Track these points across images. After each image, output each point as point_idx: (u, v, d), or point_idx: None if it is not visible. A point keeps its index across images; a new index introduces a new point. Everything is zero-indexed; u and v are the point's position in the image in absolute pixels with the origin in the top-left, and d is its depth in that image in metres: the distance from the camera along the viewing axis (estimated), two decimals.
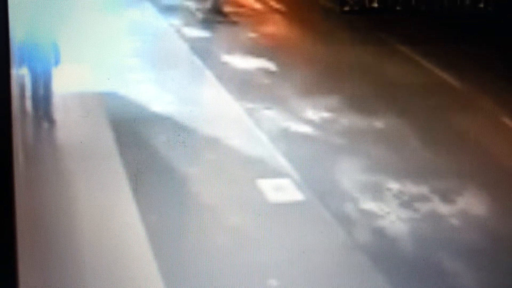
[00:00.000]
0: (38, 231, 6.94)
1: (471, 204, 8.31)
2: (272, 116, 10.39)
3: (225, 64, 12.65)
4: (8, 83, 3.57)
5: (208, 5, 16.40)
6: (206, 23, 15.23)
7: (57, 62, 9.48)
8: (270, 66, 12.66)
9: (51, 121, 9.42)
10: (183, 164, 8.67)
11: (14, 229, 3.57)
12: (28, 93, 9.52)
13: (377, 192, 8.38)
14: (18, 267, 3.61)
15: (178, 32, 14.32)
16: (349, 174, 8.78)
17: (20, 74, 9.27)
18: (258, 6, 17.19)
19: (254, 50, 13.51)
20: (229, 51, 13.31)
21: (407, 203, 8.21)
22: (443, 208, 8.17)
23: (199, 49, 13.22)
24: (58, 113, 9.64)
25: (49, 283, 6.29)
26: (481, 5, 17.07)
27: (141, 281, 6.43)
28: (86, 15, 14.23)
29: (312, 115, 10.50)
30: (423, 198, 8.36)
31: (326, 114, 10.58)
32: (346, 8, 16.89)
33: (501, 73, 12.92)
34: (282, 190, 8.24)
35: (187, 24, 15.00)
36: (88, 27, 13.43)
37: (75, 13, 14.30)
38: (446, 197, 8.41)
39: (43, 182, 7.94)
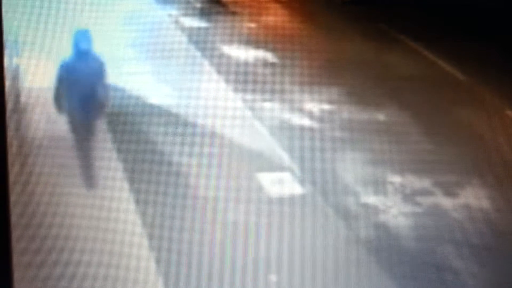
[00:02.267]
0: (32, 225, 6.83)
1: (474, 198, 8.25)
2: (272, 108, 10.29)
3: (223, 55, 12.55)
4: (2, 79, 3.49)
5: None
6: (204, 13, 15.12)
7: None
8: (270, 57, 12.56)
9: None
10: (181, 157, 8.56)
11: (9, 221, 3.51)
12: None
13: (378, 186, 8.31)
14: (13, 260, 3.53)
15: (176, 23, 14.20)
16: (350, 167, 8.69)
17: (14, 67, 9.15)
18: None
19: (253, 41, 13.41)
20: (228, 42, 13.20)
21: (409, 197, 8.14)
22: (446, 202, 8.11)
23: (197, 39, 13.11)
24: (53, 106, 9.51)
25: (45, 277, 6.19)
26: None
27: (138, 276, 6.33)
28: (82, 5, 14.13)
29: (312, 108, 10.41)
30: (425, 192, 8.29)
31: (326, 107, 10.48)
32: None
33: (505, 66, 12.85)
34: (282, 183, 8.15)
35: (185, 14, 14.89)
36: (84, 17, 13.32)
37: (71, 4, 14.21)
38: (448, 191, 8.34)
39: (38, 176, 7.84)
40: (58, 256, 6.46)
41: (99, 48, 7.31)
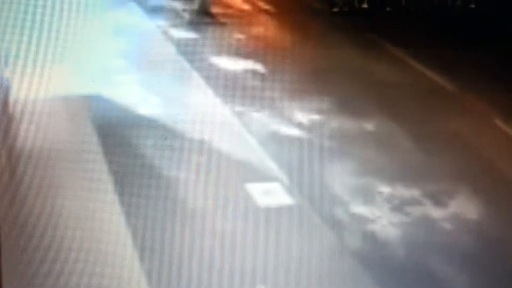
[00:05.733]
0: (20, 236, 6.79)
1: (463, 207, 8.24)
2: (261, 118, 10.28)
3: (213, 66, 12.54)
4: None
5: (195, 6, 16.27)
6: (193, 25, 15.11)
7: None
8: (259, 68, 12.57)
9: None
10: (170, 168, 8.54)
11: None
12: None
13: (368, 196, 8.29)
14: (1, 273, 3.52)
15: (165, 34, 14.20)
16: (340, 177, 8.68)
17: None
18: (246, 7, 17.09)
19: (243, 52, 13.41)
20: (217, 53, 13.20)
21: (398, 207, 8.12)
22: (435, 212, 8.09)
23: (187, 50, 13.09)
24: (42, 117, 9.49)
25: (32, 285, 6.15)
26: (472, 6, 17.02)
27: (126, 287, 6.30)
28: (71, 15, 14.12)
29: (301, 118, 10.40)
30: (414, 202, 8.27)
31: (316, 117, 10.48)
32: (335, 9, 16.83)
33: (493, 75, 12.87)
34: (271, 194, 8.13)
35: (174, 25, 14.88)
36: (73, 28, 13.31)
37: (59, 14, 14.21)
38: (438, 201, 8.32)
39: (27, 188, 7.79)
40: (46, 265, 6.41)
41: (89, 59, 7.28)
